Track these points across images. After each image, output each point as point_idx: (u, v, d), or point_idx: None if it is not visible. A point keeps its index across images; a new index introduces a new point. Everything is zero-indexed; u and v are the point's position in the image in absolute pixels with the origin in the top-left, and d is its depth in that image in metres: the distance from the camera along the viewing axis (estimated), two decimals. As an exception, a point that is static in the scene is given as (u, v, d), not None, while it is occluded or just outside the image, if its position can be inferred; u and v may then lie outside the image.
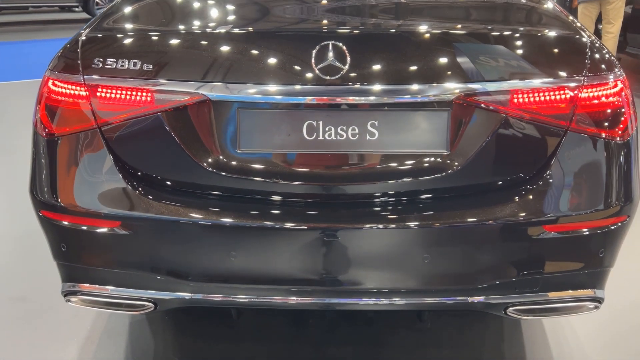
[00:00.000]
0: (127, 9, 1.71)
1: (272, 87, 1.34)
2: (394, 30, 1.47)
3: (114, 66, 1.39)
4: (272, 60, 1.37)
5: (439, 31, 1.43)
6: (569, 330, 2.02)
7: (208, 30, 1.48)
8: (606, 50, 1.49)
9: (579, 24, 1.61)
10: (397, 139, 1.40)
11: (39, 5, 10.93)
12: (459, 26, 1.50)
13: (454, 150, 1.39)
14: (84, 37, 1.49)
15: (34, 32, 10.04)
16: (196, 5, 1.69)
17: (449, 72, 1.35)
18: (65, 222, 1.46)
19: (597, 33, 6.00)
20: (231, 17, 1.59)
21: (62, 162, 1.46)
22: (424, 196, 1.42)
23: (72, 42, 1.50)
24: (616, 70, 1.45)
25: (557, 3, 5.44)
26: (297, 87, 1.34)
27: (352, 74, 1.33)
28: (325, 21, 1.55)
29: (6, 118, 4.67)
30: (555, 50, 1.44)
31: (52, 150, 1.47)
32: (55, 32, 10.08)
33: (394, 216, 1.40)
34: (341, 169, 1.42)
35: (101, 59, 1.41)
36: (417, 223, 1.38)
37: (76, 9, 11.27)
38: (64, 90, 1.44)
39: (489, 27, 1.51)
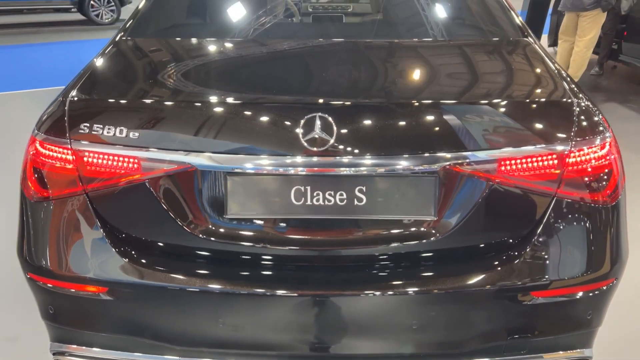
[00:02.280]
0: (115, 69, 1.69)
1: (260, 158, 1.33)
2: (379, 102, 1.45)
3: (101, 132, 1.38)
4: (259, 131, 1.36)
5: (425, 102, 1.42)
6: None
7: (196, 99, 1.46)
8: (593, 110, 1.48)
9: (565, 79, 1.59)
10: (385, 205, 1.40)
11: (33, 8, 10.84)
12: (445, 96, 1.48)
13: (442, 216, 1.39)
14: (71, 98, 1.47)
15: (29, 35, 9.95)
16: (184, 72, 1.67)
17: (436, 142, 1.35)
18: (53, 286, 1.45)
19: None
20: (219, 87, 1.57)
21: (48, 225, 1.45)
22: (412, 262, 1.42)
23: (60, 103, 1.48)
24: (603, 131, 1.44)
25: (553, 7, 5.41)
26: (284, 157, 1.33)
27: (339, 146, 1.32)
28: (312, 92, 1.53)
29: (6, 133, 4.57)
30: (542, 116, 1.42)
31: (39, 213, 1.46)
32: (50, 35, 10.01)
33: (382, 282, 1.39)
34: (329, 234, 1.42)
35: (88, 124, 1.40)
36: (405, 289, 1.37)
37: (71, 10, 11.19)
38: (50, 153, 1.43)
39: (474, 96, 1.50)
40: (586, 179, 1.41)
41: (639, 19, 5.83)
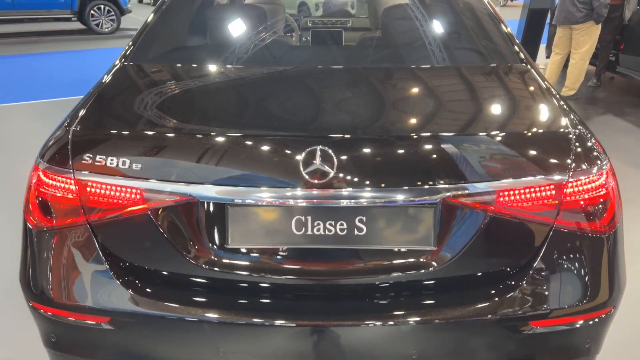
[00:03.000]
0: (117, 98, 1.71)
1: (261, 190, 1.35)
2: (379, 135, 1.47)
3: (104, 162, 1.40)
4: (261, 163, 1.38)
5: (424, 134, 1.44)
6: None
7: (198, 131, 1.47)
8: (590, 139, 1.50)
9: (562, 107, 1.61)
10: (385, 235, 1.41)
11: (34, 17, 10.89)
12: (443, 128, 1.50)
13: (441, 247, 1.40)
14: (75, 128, 1.49)
15: (30, 45, 9.99)
16: (187, 103, 1.69)
17: (435, 174, 1.36)
18: (55, 314, 1.46)
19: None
20: (221, 118, 1.59)
21: (51, 254, 1.46)
22: (411, 292, 1.43)
23: (63, 132, 1.50)
24: (600, 160, 1.46)
25: (550, 17, 5.54)
26: (286, 190, 1.35)
27: (339, 178, 1.34)
28: (312, 124, 1.55)
29: (7, 148, 4.51)
30: (539, 147, 1.44)
31: (41, 242, 1.47)
32: (51, 44, 10.05)
33: (382, 312, 1.40)
34: (329, 263, 1.43)
35: (91, 154, 1.41)
36: (405, 319, 1.38)
37: (72, 20, 11.26)
38: (53, 183, 1.44)
39: (472, 127, 1.52)
40: (584, 208, 1.42)
41: (636, 31, 5.89)
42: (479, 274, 1.44)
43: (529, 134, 1.47)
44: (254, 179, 1.36)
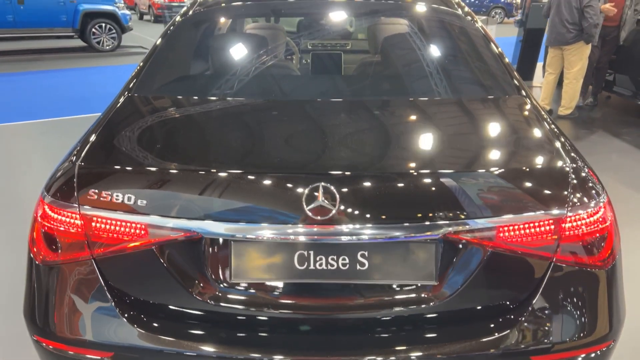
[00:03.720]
0: (121, 132, 1.73)
1: (265, 227, 1.37)
2: (381, 171, 1.49)
3: (110, 198, 1.41)
4: (264, 200, 1.40)
5: (425, 171, 1.46)
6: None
7: (203, 168, 1.49)
8: (588, 174, 1.52)
9: (559, 140, 1.64)
10: (387, 270, 1.43)
11: (36, 35, 11.00)
12: (444, 164, 1.52)
13: (442, 282, 1.42)
14: (80, 163, 1.51)
15: (31, 63, 10.08)
16: (192, 139, 1.71)
17: (437, 210, 1.38)
18: (59, 349, 1.47)
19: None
20: (225, 156, 1.61)
21: (55, 288, 1.47)
22: (413, 326, 1.44)
23: (69, 166, 1.52)
24: (599, 194, 1.48)
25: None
26: (289, 226, 1.36)
27: (342, 215, 1.36)
28: (315, 161, 1.57)
29: (7, 170, 4.51)
30: (538, 182, 1.46)
31: (46, 276, 1.48)
32: (52, 62, 10.13)
33: (383, 347, 1.41)
34: (332, 298, 1.44)
35: (96, 190, 1.43)
36: (407, 354, 1.39)
37: (74, 37, 11.39)
38: (59, 217, 1.46)
39: (472, 163, 1.54)
40: (583, 243, 1.44)
41: (631, 51, 5.98)
42: (480, 308, 1.45)
43: (528, 169, 1.50)
44: (257, 215, 1.38)
